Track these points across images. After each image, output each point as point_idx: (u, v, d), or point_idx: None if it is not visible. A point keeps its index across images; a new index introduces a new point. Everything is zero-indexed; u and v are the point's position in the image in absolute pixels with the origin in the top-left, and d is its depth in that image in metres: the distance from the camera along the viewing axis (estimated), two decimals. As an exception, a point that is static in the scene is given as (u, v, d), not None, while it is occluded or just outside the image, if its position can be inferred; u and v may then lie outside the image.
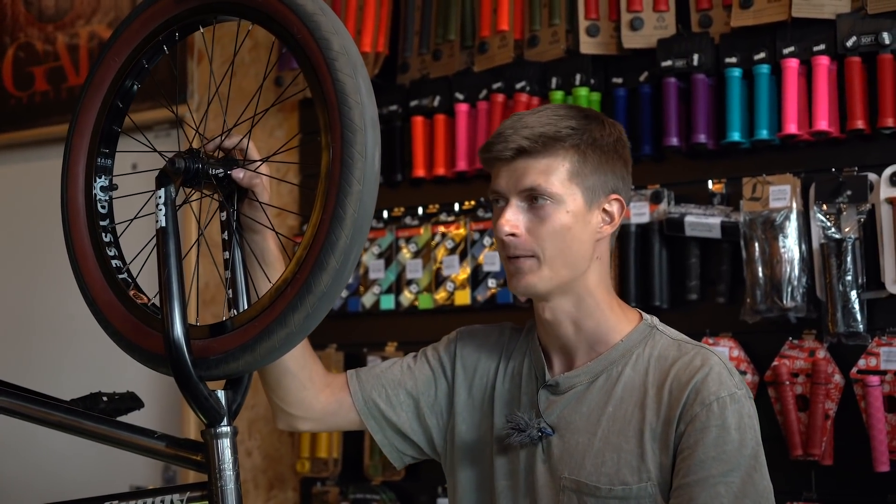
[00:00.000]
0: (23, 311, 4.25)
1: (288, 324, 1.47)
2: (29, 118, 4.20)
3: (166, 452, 1.62)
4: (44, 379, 3.53)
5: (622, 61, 2.97)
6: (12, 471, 4.20)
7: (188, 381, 1.53)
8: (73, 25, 4.12)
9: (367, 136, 1.45)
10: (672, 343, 1.88)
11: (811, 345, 2.66)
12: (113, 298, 1.69)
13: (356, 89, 1.46)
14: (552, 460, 1.87)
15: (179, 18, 1.67)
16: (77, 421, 1.71)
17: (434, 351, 2.07)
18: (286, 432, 3.47)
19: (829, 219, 2.62)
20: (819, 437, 2.60)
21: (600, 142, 1.87)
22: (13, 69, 4.25)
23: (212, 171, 1.65)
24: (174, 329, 1.53)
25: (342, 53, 1.47)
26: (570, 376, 1.89)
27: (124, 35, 1.73)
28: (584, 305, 1.88)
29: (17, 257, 4.27)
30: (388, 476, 3.23)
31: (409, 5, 3.32)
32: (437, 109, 3.22)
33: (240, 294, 1.67)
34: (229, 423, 1.57)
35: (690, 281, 2.81)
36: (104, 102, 1.74)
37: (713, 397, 1.76)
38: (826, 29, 2.67)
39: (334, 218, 1.44)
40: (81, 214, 1.75)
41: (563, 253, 1.84)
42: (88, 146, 1.75)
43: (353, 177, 1.44)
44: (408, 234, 3.25)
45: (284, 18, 1.52)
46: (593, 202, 1.86)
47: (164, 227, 1.57)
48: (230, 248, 1.69)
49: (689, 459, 1.74)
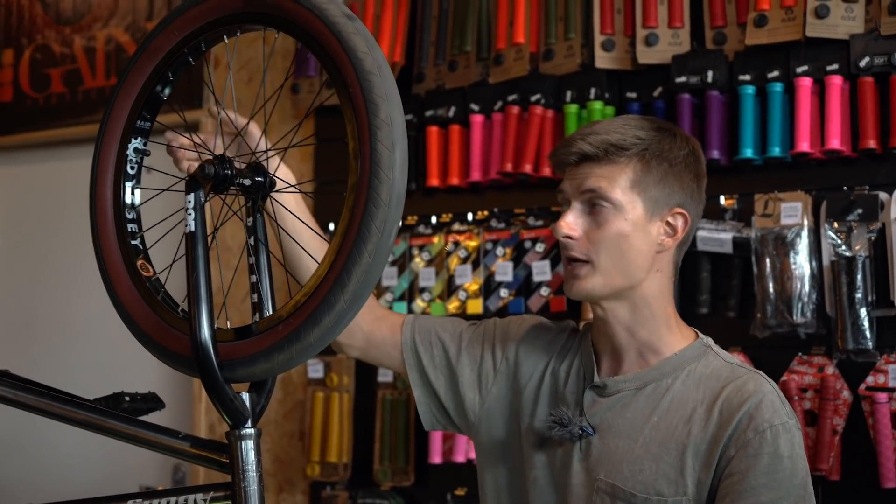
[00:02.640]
0: (33, 311, 4.28)
1: (305, 337, 1.49)
2: (44, 120, 4.22)
3: (190, 452, 1.64)
4: (50, 378, 3.55)
5: (636, 76, 3.01)
6: (19, 470, 4.23)
7: (214, 384, 1.55)
8: (91, 28, 4.15)
9: (390, 212, 1.46)
10: (725, 365, 1.88)
11: (820, 361, 2.69)
12: (138, 298, 1.71)
13: (390, 164, 1.46)
14: (589, 460, 1.87)
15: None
16: (102, 420, 1.72)
17: (492, 331, 2.08)
18: (296, 435, 3.50)
19: (839, 236, 2.65)
20: (827, 453, 2.63)
21: (668, 154, 1.88)
22: (30, 70, 4.28)
23: (239, 178, 1.68)
24: (201, 332, 1.54)
25: (386, 123, 1.48)
26: (619, 380, 1.90)
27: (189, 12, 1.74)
28: (639, 315, 1.89)
29: (29, 257, 4.30)
30: (397, 481, 3.26)
31: (425, 16, 3.35)
32: (451, 120, 3.25)
33: (264, 298, 1.70)
34: (253, 425, 1.58)
35: (701, 295, 2.85)
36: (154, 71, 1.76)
37: (766, 424, 1.76)
38: (839, 49, 2.71)
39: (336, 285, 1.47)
40: (109, 216, 1.78)
41: (618, 261, 1.85)
42: (131, 108, 1.76)
43: (364, 249, 1.46)
44: (421, 243, 3.28)
45: (341, 65, 1.53)
46: (655, 213, 1.87)
47: (193, 232, 1.59)
48: (255, 253, 1.71)
49: (740, 484, 1.75)
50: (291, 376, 3.53)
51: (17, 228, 4.37)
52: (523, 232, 3.12)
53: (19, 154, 4.41)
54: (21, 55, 4.30)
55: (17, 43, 4.32)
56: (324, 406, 3.38)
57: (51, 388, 1.83)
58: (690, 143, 1.93)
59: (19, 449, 4.20)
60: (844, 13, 2.69)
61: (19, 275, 4.35)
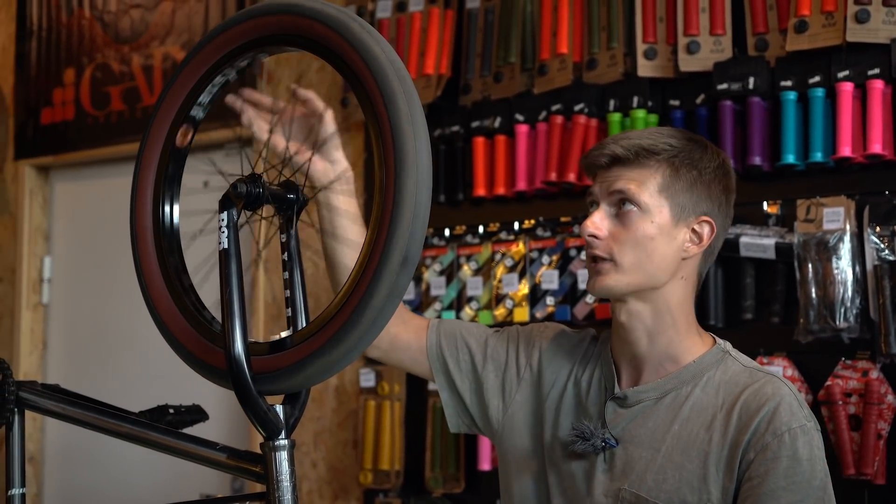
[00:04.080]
0: (100, 324, 4.39)
1: (331, 352, 1.54)
2: (105, 136, 4.34)
3: (227, 464, 1.68)
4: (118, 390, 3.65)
5: (679, 84, 3.01)
6: (90, 480, 4.34)
7: (248, 396, 1.60)
8: (148, 47, 4.25)
9: (400, 279, 1.49)
10: (744, 370, 1.91)
11: (864, 365, 2.68)
12: (177, 313, 1.77)
13: (405, 235, 1.49)
14: (613, 471, 1.90)
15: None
16: (144, 432, 1.79)
17: (515, 338, 2.13)
18: (350, 443, 3.56)
19: (882, 241, 2.65)
20: (871, 457, 2.62)
21: (698, 163, 1.92)
22: (91, 89, 4.40)
23: (272, 196, 1.73)
24: (235, 346, 1.59)
25: (411, 203, 1.49)
26: (639, 391, 1.93)
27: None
28: (661, 320, 1.92)
29: (95, 271, 4.41)
30: (448, 488, 3.30)
31: (471, 28, 3.40)
32: (497, 130, 3.29)
33: (298, 313, 1.74)
34: (287, 436, 1.63)
35: (745, 301, 2.85)
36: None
37: (785, 428, 1.79)
38: (881, 53, 2.70)
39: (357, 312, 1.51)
40: (149, 232, 1.85)
41: (642, 261, 1.89)
42: (167, 131, 1.83)
43: (390, 264, 1.49)
44: (468, 252, 3.32)
45: (379, 119, 1.55)
46: (681, 219, 1.91)
47: (227, 249, 1.63)
48: (289, 268, 1.76)
49: (760, 488, 1.77)
50: (345, 385, 3.59)
51: (82, 243, 4.49)
52: (569, 240, 3.14)
53: (83, 170, 4.54)
54: (82, 74, 4.41)
55: (78, 62, 4.44)
56: (376, 414, 3.43)
57: (98, 401, 1.90)
58: (721, 156, 1.97)
59: (90, 460, 4.31)
60: (885, 17, 2.68)
61: (85, 289, 4.46)
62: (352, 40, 1.59)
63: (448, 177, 3.38)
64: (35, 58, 4.57)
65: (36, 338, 4.54)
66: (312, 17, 1.63)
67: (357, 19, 1.58)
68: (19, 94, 4.61)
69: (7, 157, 4.63)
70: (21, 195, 4.55)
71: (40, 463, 4.49)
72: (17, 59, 4.63)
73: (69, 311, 4.53)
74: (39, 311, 4.57)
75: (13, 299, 4.55)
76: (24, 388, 1.90)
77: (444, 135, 3.39)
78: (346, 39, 1.59)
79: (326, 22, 1.61)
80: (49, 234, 4.61)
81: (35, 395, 1.90)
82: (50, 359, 4.57)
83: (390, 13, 3.53)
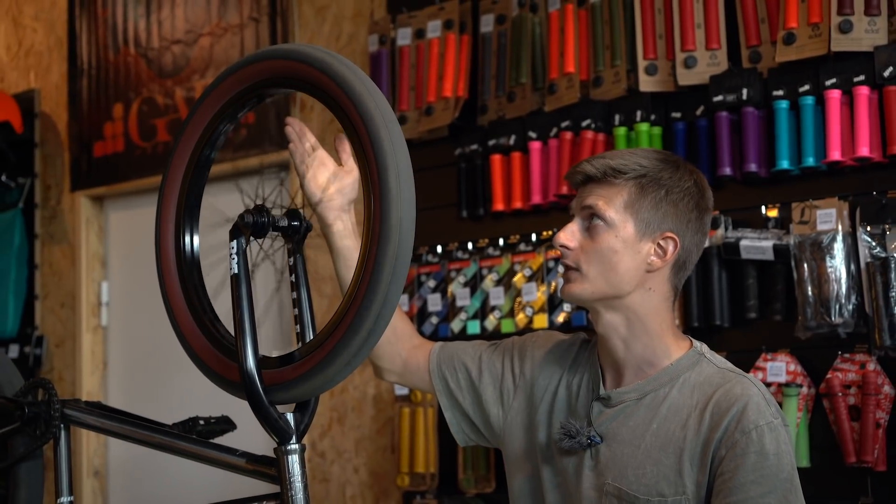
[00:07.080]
0: (150, 346, 4.61)
1: (332, 365, 1.70)
2: (152, 167, 4.59)
3: (245, 467, 1.86)
4: (167, 407, 3.85)
5: (679, 97, 3.16)
6: (149, 491, 4.56)
7: (260, 406, 1.76)
8: (190, 80, 4.48)
9: (387, 302, 1.64)
10: (717, 371, 2.03)
11: (862, 358, 2.81)
12: (198, 331, 1.96)
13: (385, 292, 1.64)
14: (598, 466, 2.05)
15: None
16: (174, 442, 1.98)
17: (510, 350, 2.28)
18: (388, 449, 3.75)
19: (874, 239, 2.78)
20: (871, 445, 2.75)
21: (667, 182, 2.04)
22: (138, 122, 4.64)
23: (277, 224, 1.90)
24: (247, 361, 1.76)
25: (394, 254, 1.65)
26: (621, 392, 2.07)
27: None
28: (633, 329, 2.06)
29: (143, 295, 4.61)
30: (480, 488, 3.47)
31: (485, 51, 3.57)
32: (512, 147, 3.46)
33: (306, 329, 1.91)
34: (298, 441, 1.78)
35: (749, 300, 2.99)
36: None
37: (752, 425, 1.91)
38: (865, 61, 2.83)
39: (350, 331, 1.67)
40: (171, 256, 2.04)
41: (606, 272, 2.03)
42: (185, 167, 2.03)
43: (379, 286, 1.64)
44: (490, 264, 3.49)
45: (370, 164, 1.69)
46: (646, 234, 2.03)
47: (237, 274, 1.79)
48: (297, 289, 1.93)
49: (730, 482, 1.90)
50: (382, 394, 3.78)
51: (133, 268, 4.72)
52: (583, 250, 3.29)
53: (134, 199, 4.77)
54: (129, 108, 4.65)
55: (126, 97, 4.68)
56: (410, 420, 3.61)
57: (135, 416, 2.09)
58: (694, 176, 2.09)
59: (151, 473, 4.54)
60: (868, 27, 2.81)
61: (140, 311, 4.68)
62: (333, 76, 1.73)
63: (469, 193, 3.57)
64: (86, 95, 4.83)
65: (97, 358, 4.80)
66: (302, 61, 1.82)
67: (338, 57, 1.76)
68: (73, 130, 4.88)
69: (64, 190, 4.90)
70: (78, 225, 4.81)
71: (104, 476, 4.73)
72: (70, 97, 4.91)
73: (126, 333, 4.76)
74: (99, 333, 4.82)
75: (74, 323, 4.81)
76: (68, 406, 2.10)
77: (465, 153, 3.57)
78: (329, 76, 1.74)
79: (314, 64, 1.79)
80: (105, 261, 4.87)
81: (78, 412, 2.09)
82: (110, 377, 4.82)
83: (410, 40, 3.71)
